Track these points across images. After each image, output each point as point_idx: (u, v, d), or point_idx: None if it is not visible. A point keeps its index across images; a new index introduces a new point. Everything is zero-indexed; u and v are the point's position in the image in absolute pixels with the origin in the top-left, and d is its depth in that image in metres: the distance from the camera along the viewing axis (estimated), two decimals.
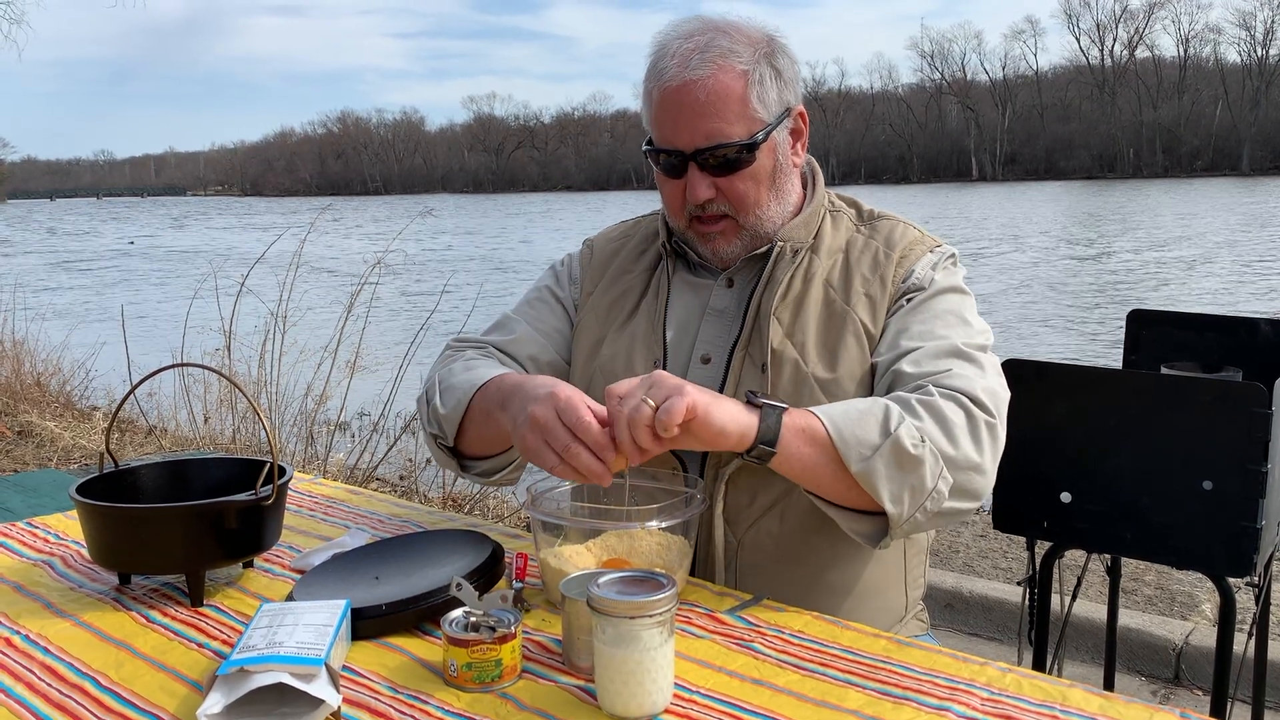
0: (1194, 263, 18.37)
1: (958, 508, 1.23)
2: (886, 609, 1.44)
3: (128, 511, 1.24)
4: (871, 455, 1.18)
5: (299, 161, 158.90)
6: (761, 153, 1.35)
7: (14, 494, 1.81)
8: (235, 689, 0.94)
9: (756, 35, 1.37)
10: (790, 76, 1.38)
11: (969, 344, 1.32)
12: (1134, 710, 0.95)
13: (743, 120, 1.33)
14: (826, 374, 1.33)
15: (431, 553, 1.31)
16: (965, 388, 1.25)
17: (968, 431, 1.22)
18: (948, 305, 1.37)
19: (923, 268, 1.39)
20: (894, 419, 1.19)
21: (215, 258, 12.17)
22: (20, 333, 7.47)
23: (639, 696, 0.95)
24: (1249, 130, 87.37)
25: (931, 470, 1.19)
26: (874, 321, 1.36)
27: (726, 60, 1.32)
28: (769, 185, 1.38)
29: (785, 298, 1.38)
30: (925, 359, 1.29)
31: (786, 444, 1.18)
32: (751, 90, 1.33)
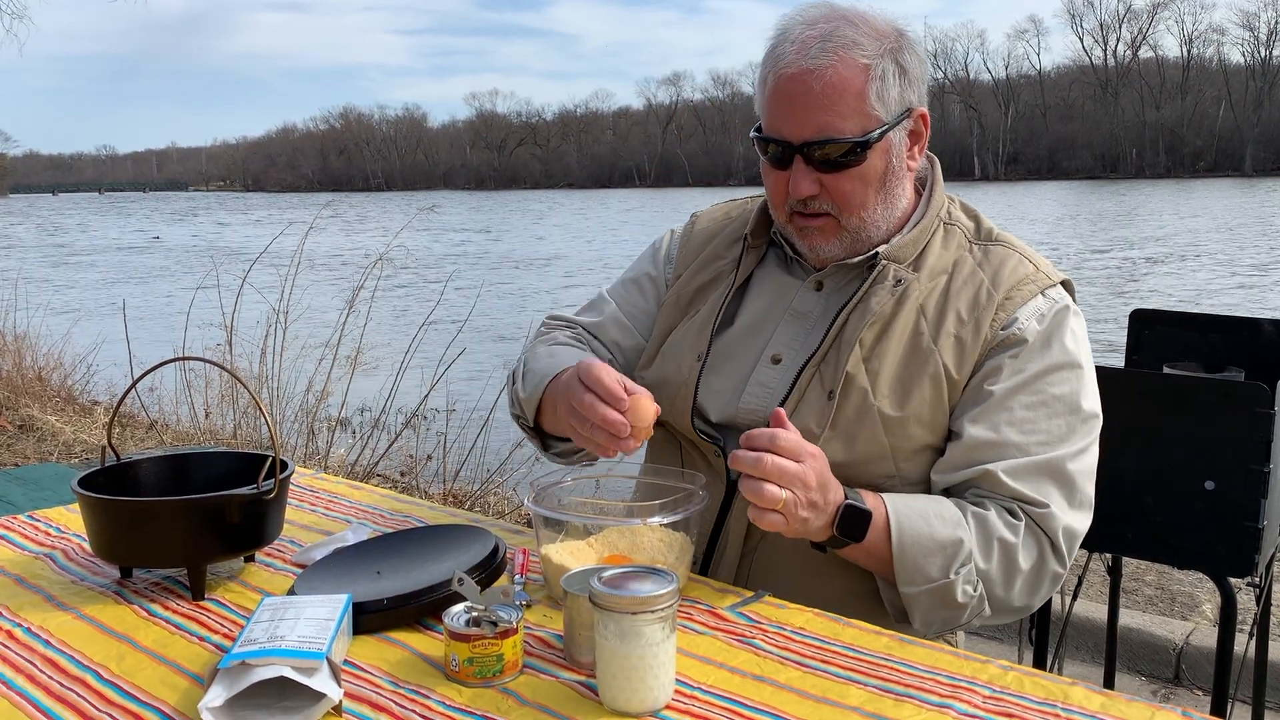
0: (1195, 263, 18.35)
1: (990, 623, 1.29)
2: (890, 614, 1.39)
3: (129, 505, 1.24)
4: (922, 586, 1.21)
5: (301, 157, 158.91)
6: (874, 153, 1.28)
7: (15, 487, 1.81)
8: (237, 682, 0.94)
9: (885, 28, 1.29)
10: (917, 75, 1.30)
11: (1072, 453, 1.26)
12: (1135, 709, 0.95)
13: (858, 117, 1.26)
14: (893, 411, 1.27)
15: (433, 548, 1.31)
16: (1052, 530, 1.24)
17: (1030, 581, 1.25)
18: (1061, 388, 1.27)
19: (1027, 316, 1.29)
20: (960, 560, 1.20)
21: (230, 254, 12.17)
22: (22, 327, 7.48)
23: (640, 692, 0.95)
24: (1252, 131, 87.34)
25: (972, 612, 1.24)
26: (958, 368, 1.28)
27: (849, 52, 1.25)
28: (878, 188, 1.31)
29: (878, 330, 1.30)
30: (1024, 475, 1.24)
31: (846, 552, 1.23)
32: (871, 86, 1.26)
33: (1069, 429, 1.26)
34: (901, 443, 1.27)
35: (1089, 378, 1.30)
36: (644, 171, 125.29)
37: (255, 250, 5.35)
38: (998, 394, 1.26)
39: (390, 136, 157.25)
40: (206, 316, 5.28)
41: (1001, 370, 1.27)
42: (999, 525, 1.22)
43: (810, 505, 1.15)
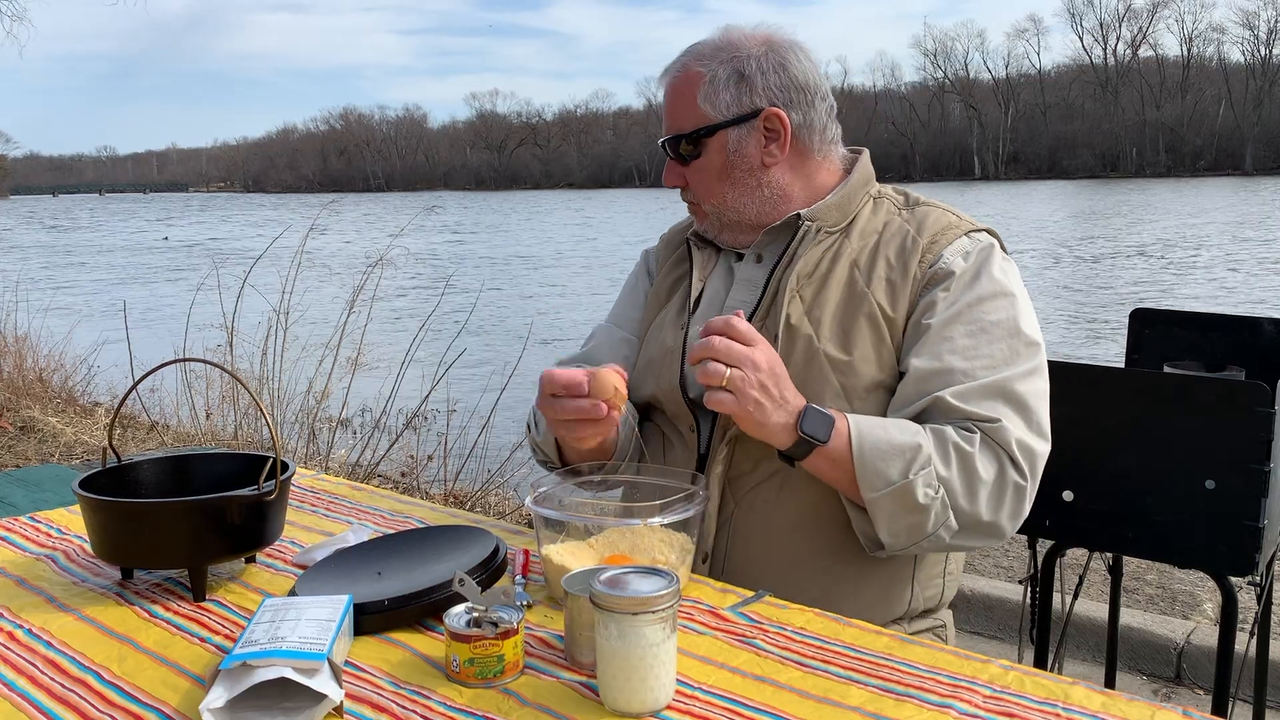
0: (1196, 262, 18.35)
1: (964, 545, 1.32)
2: (885, 598, 1.42)
3: (130, 506, 1.24)
4: (883, 490, 1.26)
5: (301, 158, 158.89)
6: (709, 148, 1.44)
7: (16, 489, 1.81)
8: (238, 683, 0.94)
9: (746, 42, 1.44)
10: (765, 84, 1.42)
11: (1019, 374, 1.31)
12: (1136, 708, 0.95)
13: (691, 117, 1.44)
14: (839, 354, 1.35)
15: (434, 548, 1.31)
16: (1005, 441, 1.28)
17: (993, 492, 1.28)
18: (998, 315, 1.34)
19: (952, 253, 1.38)
20: (919, 462, 1.25)
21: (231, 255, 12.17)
22: (23, 328, 7.48)
23: (641, 692, 0.95)
24: (1252, 130, 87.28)
25: (936, 518, 1.27)
26: (892, 306, 1.37)
27: (692, 62, 1.44)
28: (722, 180, 1.45)
29: (810, 275, 1.41)
30: (973, 397, 1.30)
31: (811, 461, 1.29)
32: (700, 91, 1.42)
33: (1012, 352, 1.33)
34: (852, 381, 1.35)
35: (1024, 306, 1.38)
36: (644, 171, 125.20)
37: (255, 251, 5.35)
38: (935, 325, 1.34)
39: (390, 137, 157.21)
40: (208, 317, 5.28)
41: (936, 304, 1.35)
42: (954, 435, 1.28)
43: (761, 388, 1.24)
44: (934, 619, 1.50)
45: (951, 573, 1.50)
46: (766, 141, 1.44)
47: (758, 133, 1.44)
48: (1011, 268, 1.42)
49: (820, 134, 1.47)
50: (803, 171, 1.47)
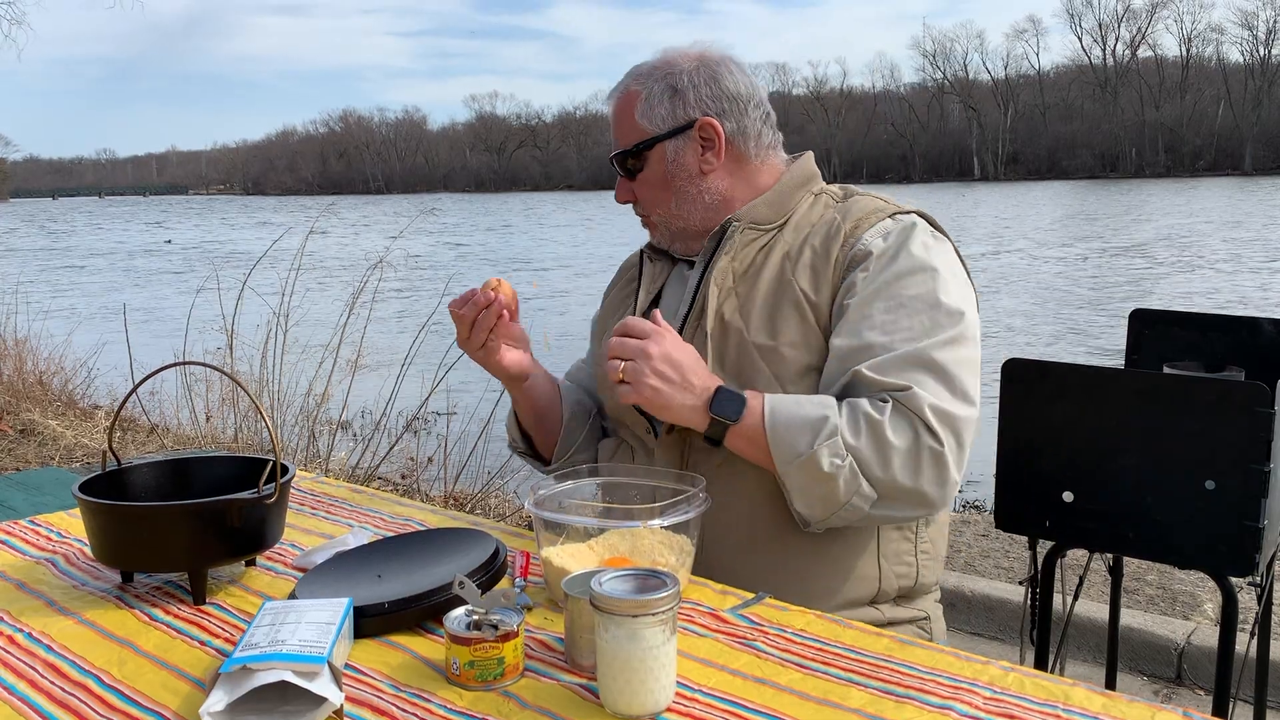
0: (1195, 262, 18.36)
1: (891, 515, 1.34)
2: (849, 576, 1.43)
3: (130, 510, 1.24)
4: (792, 462, 1.30)
5: (301, 160, 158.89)
6: (649, 161, 1.52)
7: (16, 492, 1.81)
8: (238, 687, 0.94)
9: (682, 59, 1.52)
10: (698, 96, 1.50)
11: (938, 343, 1.34)
12: (1136, 709, 0.95)
13: (632, 133, 1.52)
14: (767, 341, 1.41)
15: (434, 551, 1.31)
16: (917, 407, 1.30)
17: (908, 459, 1.29)
18: (916, 289, 1.38)
19: (872, 235, 1.43)
20: (825, 433, 1.29)
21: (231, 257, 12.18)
22: (23, 331, 7.48)
23: (641, 695, 0.95)
24: (1251, 130, 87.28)
25: (847, 486, 1.29)
26: (815, 290, 1.42)
27: (631, 83, 1.53)
28: (665, 189, 1.52)
29: (745, 273, 1.46)
30: (889, 367, 1.33)
31: (730, 441, 1.35)
32: (638, 107, 1.51)
33: (932, 323, 1.35)
34: (782, 368, 1.40)
35: (947, 278, 1.40)
36: None
37: (255, 253, 5.35)
38: (854, 304, 1.38)
39: (390, 139, 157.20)
40: (207, 320, 5.28)
41: (855, 285, 1.40)
42: (866, 405, 1.31)
43: (657, 375, 1.33)
44: (915, 609, 1.50)
45: (927, 552, 1.50)
46: (703, 150, 1.51)
47: (694, 142, 1.51)
48: (938, 244, 1.45)
49: (755, 140, 1.53)
50: (742, 176, 1.53)
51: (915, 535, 1.48)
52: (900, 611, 1.48)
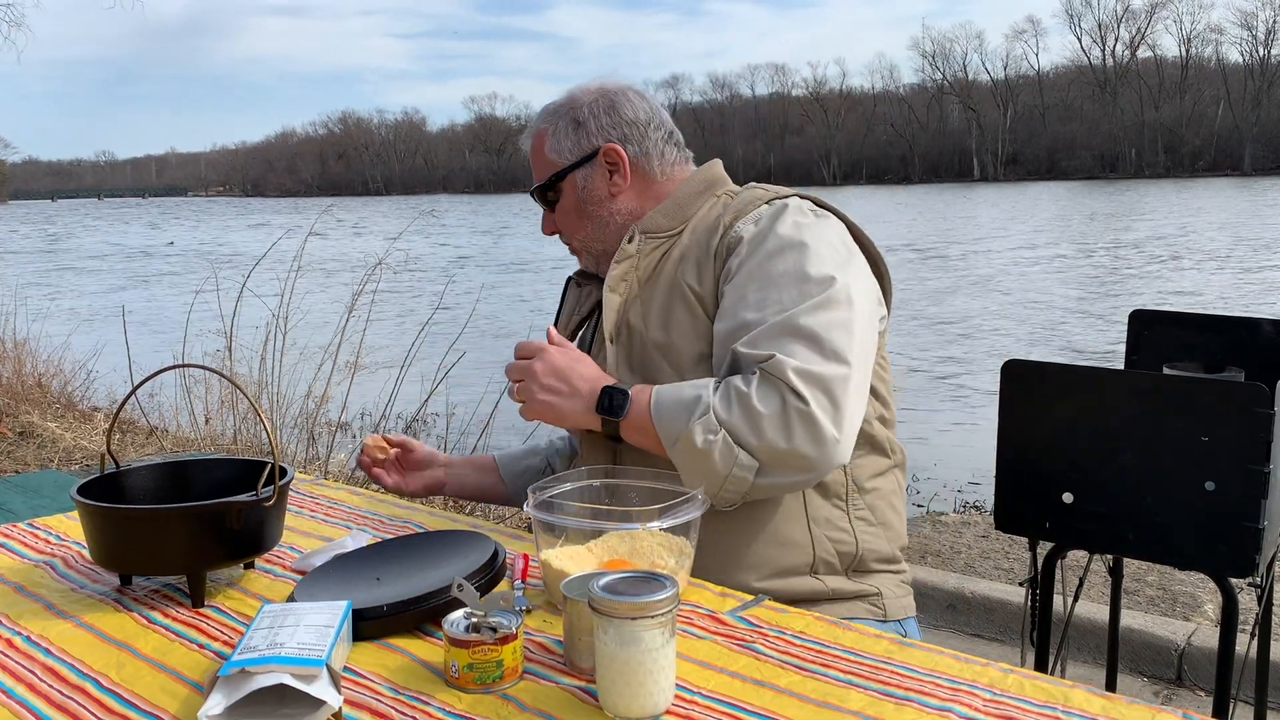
0: (1195, 262, 18.36)
1: (779, 483, 1.37)
2: (779, 544, 1.44)
3: (129, 512, 1.24)
4: (674, 444, 1.37)
5: (300, 162, 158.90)
6: (564, 191, 1.62)
7: (15, 495, 1.81)
8: (236, 690, 0.94)
9: (583, 94, 1.63)
10: (598, 125, 1.60)
11: (804, 309, 1.38)
12: (1136, 711, 0.95)
13: (545, 168, 1.63)
14: (662, 338, 1.49)
15: (433, 554, 1.31)
16: (781, 372, 1.34)
17: (777, 422, 1.32)
18: (785, 265, 1.43)
19: (745, 223, 1.49)
20: (698, 411, 1.35)
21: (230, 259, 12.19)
22: (22, 333, 7.47)
23: (640, 697, 0.95)
24: (1251, 130, 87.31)
25: (724, 459, 1.33)
26: (700, 282, 1.49)
27: (538, 124, 1.65)
28: (580, 216, 1.62)
29: (648, 279, 1.54)
30: (760, 340, 1.38)
31: (626, 434, 1.43)
32: (547, 143, 1.62)
33: (801, 294, 1.40)
34: (677, 360, 1.47)
35: (816, 249, 1.44)
36: None
37: (255, 255, 5.35)
38: (729, 289, 1.45)
39: (389, 141, 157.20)
40: (206, 322, 5.28)
41: (731, 271, 1.46)
42: (736, 380, 1.37)
43: (545, 389, 1.43)
44: (865, 583, 1.49)
45: (865, 519, 1.50)
46: (610, 174, 1.61)
47: (600, 168, 1.61)
48: (814, 221, 1.49)
49: (659, 159, 1.63)
50: (650, 195, 1.62)
51: (846, 501, 1.49)
52: (848, 584, 1.48)
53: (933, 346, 11.09)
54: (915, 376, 9.52)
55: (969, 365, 10.01)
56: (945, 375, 9.61)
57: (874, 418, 1.52)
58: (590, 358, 1.50)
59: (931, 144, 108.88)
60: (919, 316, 13.14)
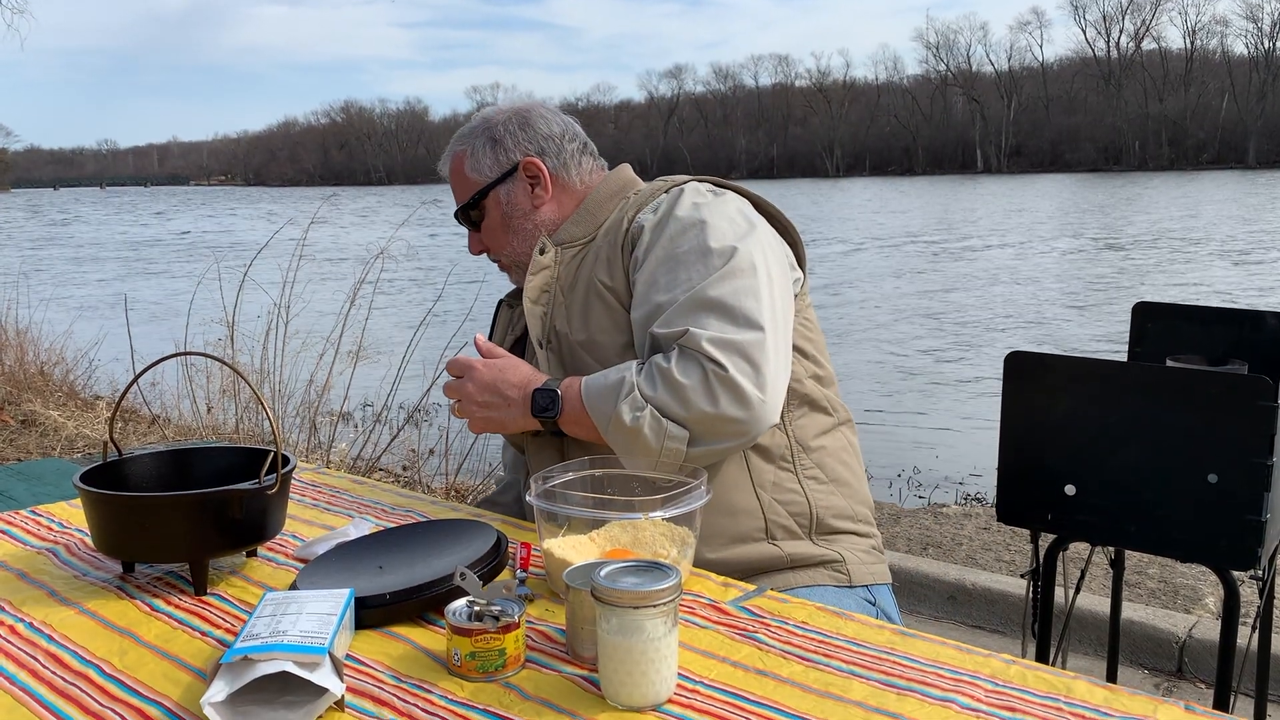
0: (1199, 255, 18.33)
1: (715, 449, 1.40)
2: (732, 514, 1.46)
3: (131, 500, 1.24)
4: (607, 427, 1.41)
5: (302, 151, 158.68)
6: (488, 208, 1.66)
7: (17, 482, 1.81)
8: (239, 677, 0.94)
9: (492, 115, 1.69)
10: (514, 142, 1.65)
11: (711, 282, 1.42)
12: (1138, 702, 0.95)
13: (466, 188, 1.67)
14: (584, 336, 1.53)
15: (435, 542, 1.31)
16: (696, 344, 1.38)
17: (702, 390, 1.37)
18: (688, 244, 1.47)
19: (645, 213, 1.54)
20: (624, 391, 1.40)
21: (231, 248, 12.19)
22: (24, 321, 7.48)
23: (642, 686, 0.95)
24: (1255, 123, 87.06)
25: (654, 434, 1.37)
26: (611, 276, 1.53)
27: (454, 146, 1.70)
28: (505, 229, 1.66)
29: (570, 286, 1.57)
30: (674, 318, 1.42)
31: (565, 428, 1.47)
32: (466, 163, 1.67)
33: (706, 269, 1.44)
34: (602, 354, 1.51)
35: (715, 224, 1.48)
36: (646, 164, 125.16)
37: (257, 243, 5.35)
38: (639, 277, 1.50)
39: (391, 130, 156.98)
40: (208, 311, 5.27)
41: (638, 260, 1.51)
42: (657, 358, 1.42)
43: (481, 405, 1.49)
44: (828, 546, 1.50)
45: (816, 478, 1.52)
46: (531, 187, 1.65)
47: (522, 182, 1.65)
48: (711, 200, 1.53)
49: (576, 169, 1.68)
50: (570, 204, 1.66)
51: (793, 462, 1.51)
52: (810, 549, 1.49)
53: (934, 338, 11.09)
54: (917, 369, 9.52)
55: (971, 357, 10.00)
56: (947, 367, 9.61)
57: (806, 377, 1.55)
58: (518, 360, 1.54)
59: (935, 136, 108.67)
60: (921, 309, 13.13)
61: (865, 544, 1.55)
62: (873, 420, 7.29)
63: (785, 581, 1.46)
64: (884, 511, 4.23)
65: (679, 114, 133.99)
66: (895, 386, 8.78)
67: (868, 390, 8.48)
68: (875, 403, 8.01)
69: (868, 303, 13.82)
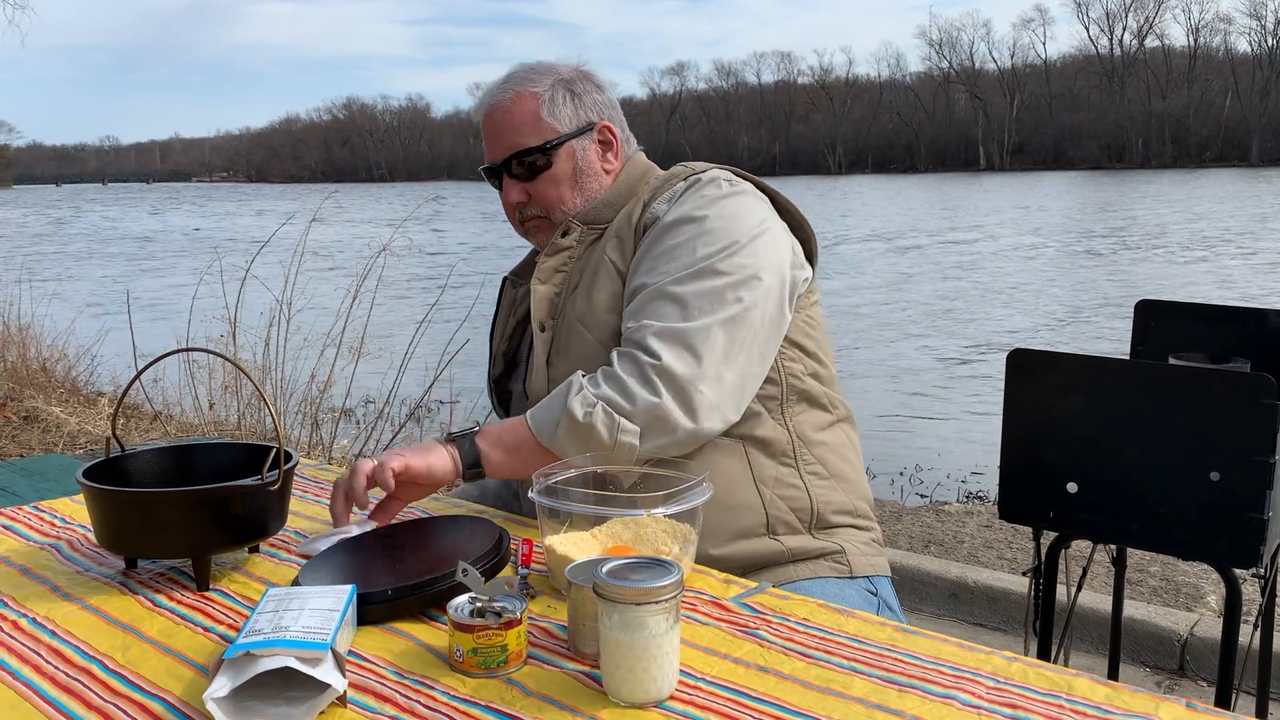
0: (1201, 253, 18.30)
1: (664, 445, 1.39)
2: (733, 509, 1.45)
3: (134, 496, 1.24)
4: (555, 430, 1.40)
5: (304, 148, 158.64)
6: (559, 157, 1.58)
7: (20, 478, 1.81)
8: (241, 672, 0.94)
9: (562, 68, 1.62)
10: (592, 101, 1.61)
11: (682, 277, 1.42)
12: (1140, 700, 0.95)
13: (537, 132, 1.57)
14: (584, 306, 1.52)
15: (437, 538, 1.31)
16: (639, 338, 1.40)
17: (642, 384, 1.38)
18: (681, 238, 1.46)
19: (663, 200, 1.53)
20: (572, 391, 1.40)
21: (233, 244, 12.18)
22: (26, 317, 7.48)
23: (644, 683, 0.95)
24: (1259, 120, 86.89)
25: (606, 431, 1.37)
26: (622, 260, 1.52)
27: (522, 86, 1.59)
28: (571, 185, 1.59)
29: (587, 269, 1.54)
30: (638, 308, 1.44)
31: (487, 457, 1.43)
32: (544, 107, 1.58)
33: (685, 265, 1.44)
34: (599, 332, 1.50)
35: (715, 226, 1.46)
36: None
37: (259, 240, 5.35)
38: (635, 260, 1.50)
39: (393, 127, 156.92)
40: (211, 307, 5.28)
41: (643, 247, 1.51)
42: (603, 366, 1.43)
43: (404, 455, 1.39)
44: (827, 539, 1.50)
45: (817, 474, 1.51)
46: (603, 151, 1.63)
47: (595, 143, 1.62)
48: (720, 194, 1.50)
49: (627, 143, 1.67)
50: (608, 182, 1.63)
51: (795, 457, 1.50)
52: (810, 542, 1.48)
53: (936, 336, 11.08)
54: (918, 367, 9.51)
55: (973, 354, 10.00)
56: (949, 364, 9.60)
57: (806, 374, 1.54)
58: None
59: (938, 133, 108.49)
60: (922, 307, 13.12)
61: (865, 536, 1.55)
62: (874, 418, 7.29)
63: (786, 575, 1.45)
64: (885, 509, 4.24)
65: (681, 111, 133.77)
66: (897, 384, 8.78)
67: (869, 389, 8.49)
68: (877, 400, 8.01)
69: (869, 301, 13.82)
